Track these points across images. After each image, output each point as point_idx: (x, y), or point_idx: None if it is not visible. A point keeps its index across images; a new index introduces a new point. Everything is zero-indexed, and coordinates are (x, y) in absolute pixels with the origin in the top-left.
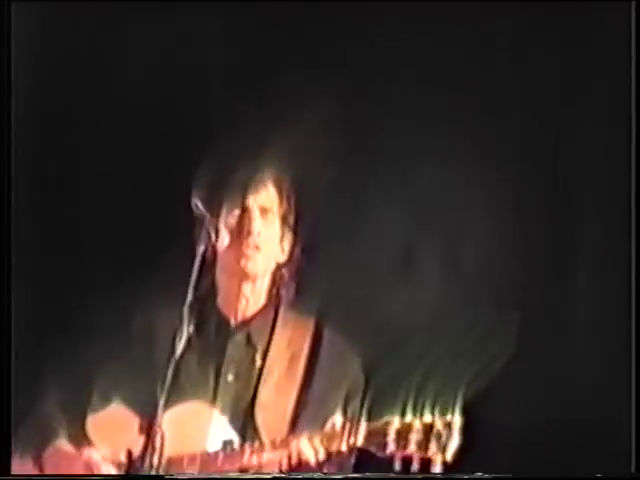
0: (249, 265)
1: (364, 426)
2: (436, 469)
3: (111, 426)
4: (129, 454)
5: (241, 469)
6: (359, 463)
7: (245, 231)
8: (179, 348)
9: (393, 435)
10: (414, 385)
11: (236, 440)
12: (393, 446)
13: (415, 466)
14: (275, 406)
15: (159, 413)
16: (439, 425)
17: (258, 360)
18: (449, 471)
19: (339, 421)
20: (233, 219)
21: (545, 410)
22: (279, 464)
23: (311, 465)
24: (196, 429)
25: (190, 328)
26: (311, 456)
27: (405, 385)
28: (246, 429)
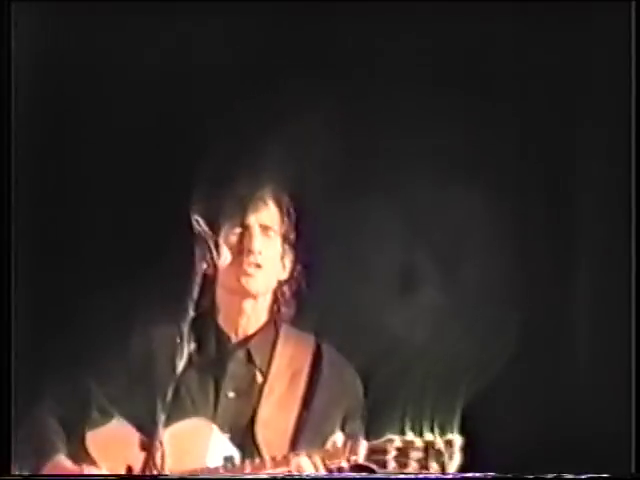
0: (250, 283)
1: (365, 444)
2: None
3: (112, 442)
4: (129, 470)
5: None
6: None
7: (246, 249)
8: (180, 365)
9: (394, 453)
10: (414, 402)
11: (237, 456)
12: (394, 464)
13: None
14: (276, 423)
15: (160, 429)
16: (440, 443)
17: (259, 377)
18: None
19: (340, 438)
20: (234, 237)
21: (545, 410)
22: None
23: None
24: (197, 446)
25: (191, 345)
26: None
27: (405, 402)
28: (247, 446)
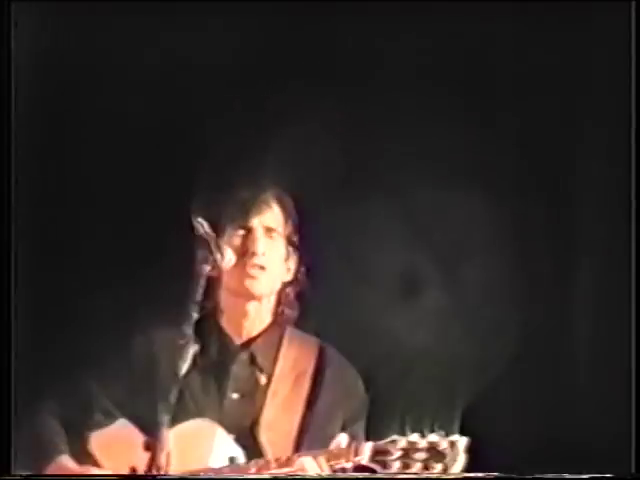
0: (254, 285)
1: (369, 445)
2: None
3: (116, 443)
4: (133, 471)
5: None
6: None
7: (249, 251)
8: (184, 367)
9: (398, 454)
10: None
11: (241, 457)
12: (398, 465)
13: None
14: (280, 424)
15: (164, 430)
16: (444, 444)
17: (263, 379)
18: None
19: (344, 439)
20: (237, 239)
21: (545, 410)
22: None
23: None
24: (201, 447)
25: (195, 347)
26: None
27: (407, 403)
28: (251, 447)
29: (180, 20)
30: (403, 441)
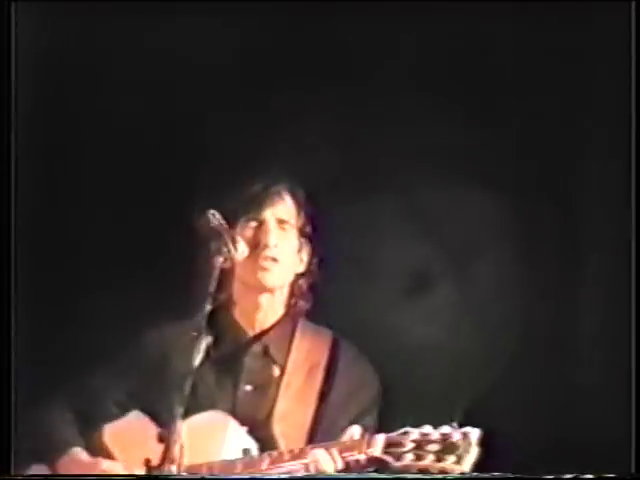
0: (266, 277)
1: (382, 436)
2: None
3: (129, 435)
4: (147, 463)
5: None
6: None
7: (262, 243)
8: (197, 359)
9: (410, 445)
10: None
11: (254, 449)
12: (411, 456)
13: None
14: (293, 416)
15: (178, 423)
16: (456, 436)
17: (276, 371)
18: None
19: (357, 431)
20: (250, 231)
21: (545, 410)
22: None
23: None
24: (214, 439)
25: (208, 339)
26: (329, 466)
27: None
28: (264, 439)
29: (180, 20)
30: (415, 433)
